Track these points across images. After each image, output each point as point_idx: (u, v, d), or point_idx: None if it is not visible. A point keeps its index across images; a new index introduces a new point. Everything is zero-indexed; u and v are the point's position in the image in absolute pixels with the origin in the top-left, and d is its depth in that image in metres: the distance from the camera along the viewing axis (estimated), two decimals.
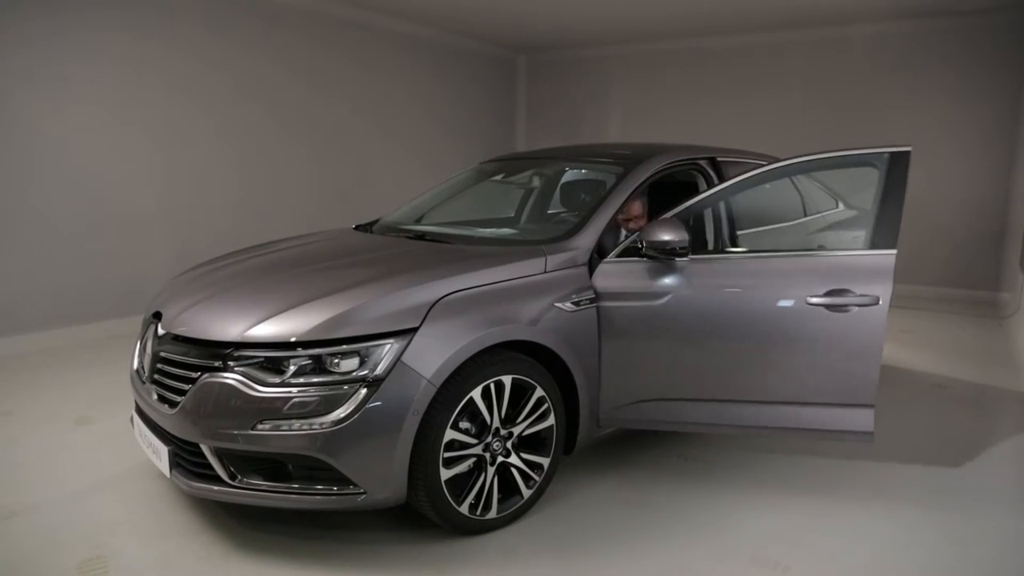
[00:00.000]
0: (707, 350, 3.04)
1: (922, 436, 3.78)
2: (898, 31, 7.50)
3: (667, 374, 3.07)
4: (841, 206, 4.60)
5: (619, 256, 3.05)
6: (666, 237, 2.91)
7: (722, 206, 3.44)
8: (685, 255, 2.94)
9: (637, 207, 3.49)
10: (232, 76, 6.32)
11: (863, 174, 3.14)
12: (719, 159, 3.79)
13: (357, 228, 3.94)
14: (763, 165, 4.12)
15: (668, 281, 3.00)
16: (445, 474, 2.53)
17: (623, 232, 3.50)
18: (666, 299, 2.99)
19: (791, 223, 3.90)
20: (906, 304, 6.90)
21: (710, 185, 3.71)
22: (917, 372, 4.92)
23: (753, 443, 3.65)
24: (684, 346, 3.05)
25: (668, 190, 3.82)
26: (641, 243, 2.98)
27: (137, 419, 2.92)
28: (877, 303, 2.88)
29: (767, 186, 3.44)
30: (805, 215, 4.06)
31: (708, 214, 3.43)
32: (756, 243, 3.62)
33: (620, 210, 3.25)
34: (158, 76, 5.78)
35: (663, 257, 2.97)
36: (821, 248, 3.40)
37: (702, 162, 3.71)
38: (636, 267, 3.02)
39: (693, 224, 3.16)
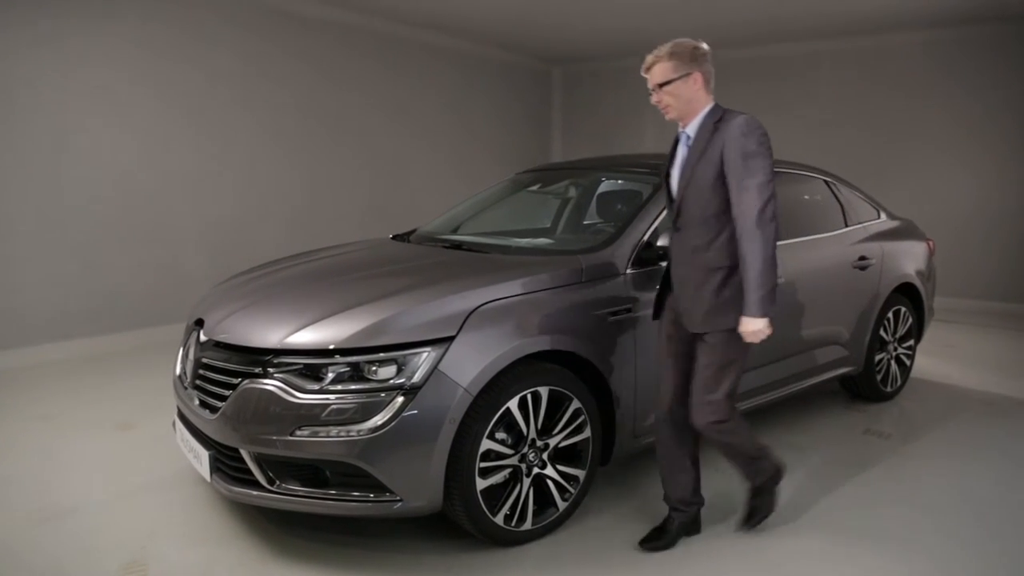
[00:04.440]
0: None
1: (969, 454, 3.67)
2: (933, 40, 7.35)
3: None
4: (883, 216, 4.53)
5: (639, 265, 3.03)
6: (663, 243, 2.87)
7: None
8: None
9: None
10: (273, 86, 6.44)
11: None
12: None
13: (394, 238, 3.97)
14: (805, 174, 4.12)
15: None
16: (481, 484, 2.53)
17: None
18: None
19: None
20: (950, 318, 6.73)
21: None
22: (963, 388, 4.78)
23: (787, 456, 3.58)
24: None
25: None
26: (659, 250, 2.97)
27: (179, 424, 2.97)
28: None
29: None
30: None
31: None
32: None
33: None
34: (200, 85, 5.92)
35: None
36: None
37: None
38: (653, 272, 3.01)
39: None
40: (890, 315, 4.31)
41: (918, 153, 7.59)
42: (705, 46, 2.56)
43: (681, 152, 2.59)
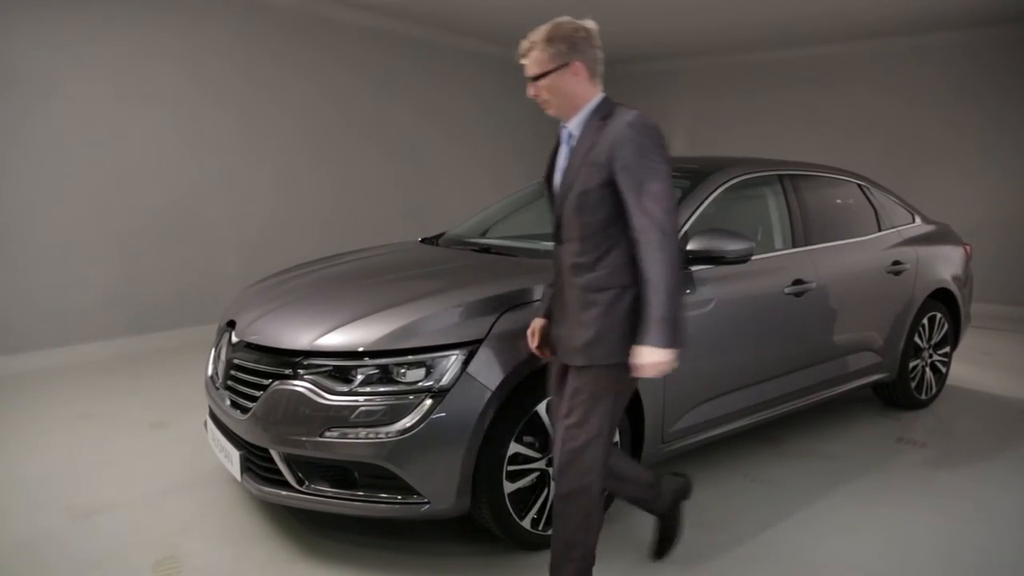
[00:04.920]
0: (748, 341, 3.29)
1: (1005, 465, 3.59)
2: (970, 40, 7.23)
3: (725, 372, 3.21)
4: (918, 220, 4.45)
5: None
6: (692, 246, 2.90)
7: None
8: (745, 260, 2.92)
9: None
10: (308, 90, 6.52)
11: None
12: (790, 173, 3.72)
13: (423, 241, 3.99)
14: (837, 178, 4.07)
15: (714, 286, 3.07)
16: (508, 487, 2.53)
17: None
18: (714, 304, 3.06)
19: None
20: (987, 324, 6.58)
21: (778, 200, 3.64)
22: (1001, 397, 4.67)
23: (818, 465, 3.53)
24: (735, 345, 3.23)
25: (739, 204, 3.75)
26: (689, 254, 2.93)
27: (210, 424, 3.02)
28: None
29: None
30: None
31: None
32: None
33: None
34: (238, 87, 6.01)
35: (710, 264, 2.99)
36: None
37: (772, 176, 3.64)
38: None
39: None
40: (925, 321, 4.24)
41: (945, 159, 7.46)
42: (589, 25, 2.10)
43: (564, 152, 2.22)
